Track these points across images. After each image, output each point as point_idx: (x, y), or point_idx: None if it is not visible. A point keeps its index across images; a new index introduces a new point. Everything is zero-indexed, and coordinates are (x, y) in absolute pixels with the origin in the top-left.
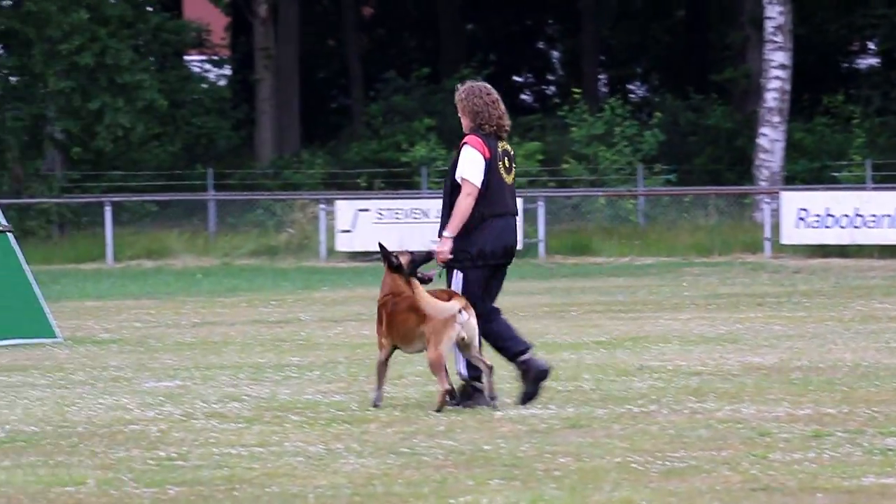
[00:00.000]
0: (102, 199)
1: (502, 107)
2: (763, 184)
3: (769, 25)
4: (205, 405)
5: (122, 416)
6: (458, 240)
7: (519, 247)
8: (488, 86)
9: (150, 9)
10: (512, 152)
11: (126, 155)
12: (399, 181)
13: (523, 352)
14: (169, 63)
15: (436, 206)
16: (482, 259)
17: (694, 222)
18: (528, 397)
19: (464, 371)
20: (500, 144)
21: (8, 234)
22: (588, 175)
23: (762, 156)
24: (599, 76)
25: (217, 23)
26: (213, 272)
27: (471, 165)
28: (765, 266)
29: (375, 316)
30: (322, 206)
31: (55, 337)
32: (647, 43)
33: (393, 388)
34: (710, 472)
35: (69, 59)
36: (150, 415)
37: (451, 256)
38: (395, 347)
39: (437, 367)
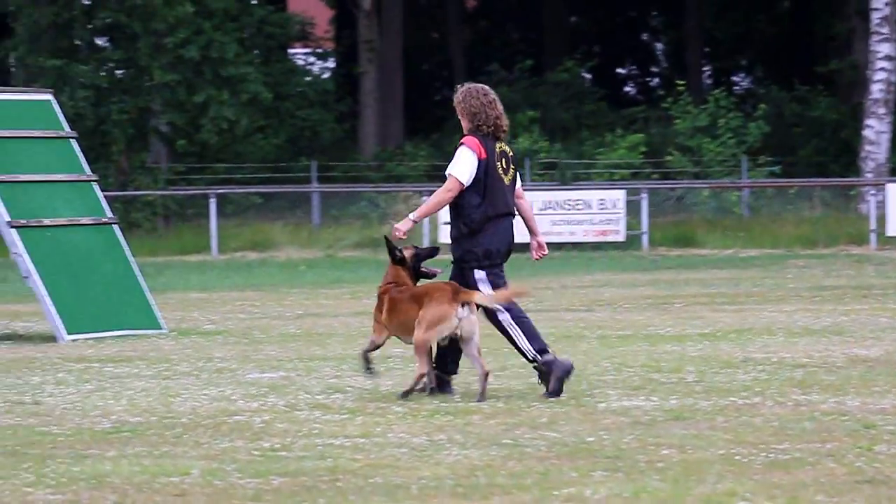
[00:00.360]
0: (207, 191)
1: (500, 107)
2: (869, 175)
3: (875, 17)
4: (308, 396)
5: (226, 406)
6: (465, 241)
7: (620, 238)
8: (486, 87)
9: (254, 2)
10: (511, 153)
11: (231, 147)
12: None
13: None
14: (273, 56)
15: (539, 197)
16: (488, 259)
17: (798, 214)
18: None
19: (530, 349)
20: (497, 145)
21: (114, 226)
22: (692, 167)
23: (868, 147)
24: (703, 68)
25: (321, 16)
26: (316, 264)
27: (461, 164)
28: (870, 258)
29: (376, 302)
30: (425, 197)
31: (160, 328)
32: (752, 34)
33: (496, 379)
34: (815, 464)
35: (174, 53)
36: (253, 406)
37: (404, 237)
38: (387, 336)
39: (422, 350)
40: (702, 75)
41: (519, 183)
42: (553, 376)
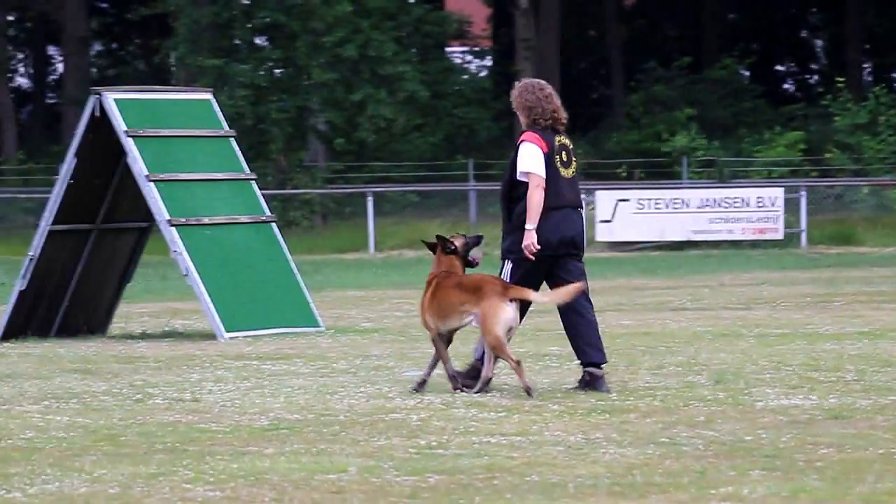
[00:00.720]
0: (364, 189)
1: (557, 101)
2: None
3: None
4: (465, 394)
5: (383, 404)
6: (517, 232)
7: (778, 236)
8: (542, 81)
9: (412, 1)
10: (571, 146)
11: (388, 146)
12: (659, 171)
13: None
14: (431, 55)
15: (697, 195)
16: (538, 249)
17: None
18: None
19: (477, 354)
20: (557, 138)
21: (272, 224)
22: (851, 164)
23: None
24: (864, 64)
25: (478, 14)
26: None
27: (532, 159)
28: None
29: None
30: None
31: (318, 326)
32: None
33: (653, 377)
34: None
35: (332, 52)
36: (410, 403)
37: (538, 247)
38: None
39: (500, 348)
40: (862, 72)
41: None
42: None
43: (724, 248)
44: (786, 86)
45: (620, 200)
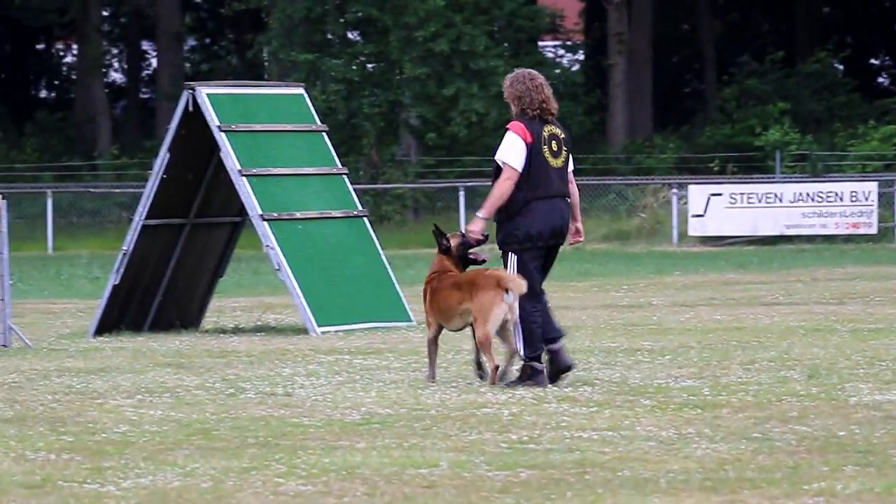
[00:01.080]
0: (456, 184)
1: (547, 91)
2: None
3: None
4: (556, 389)
5: (474, 399)
6: (506, 224)
7: (872, 231)
8: (533, 71)
9: None
10: (562, 136)
11: (480, 140)
12: (752, 165)
13: (554, 340)
14: (523, 49)
15: (790, 190)
16: (530, 241)
17: None
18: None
19: (522, 351)
20: (546, 128)
21: (364, 218)
22: None
23: None
24: None
25: (571, 8)
26: (564, 257)
27: (510, 149)
28: None
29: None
30: (674, 190)
31: (410, 321)
32: None
33: (745, 373)
34: None
35: (425, 46)
36: (502, 398)
37: (481, 237)
38: (441, 326)
39: (486, 346)
40: None
41: (571, 167)
42: (535, 380)
43: (817, 243)
44: (880, 79)
45: (713, 195)
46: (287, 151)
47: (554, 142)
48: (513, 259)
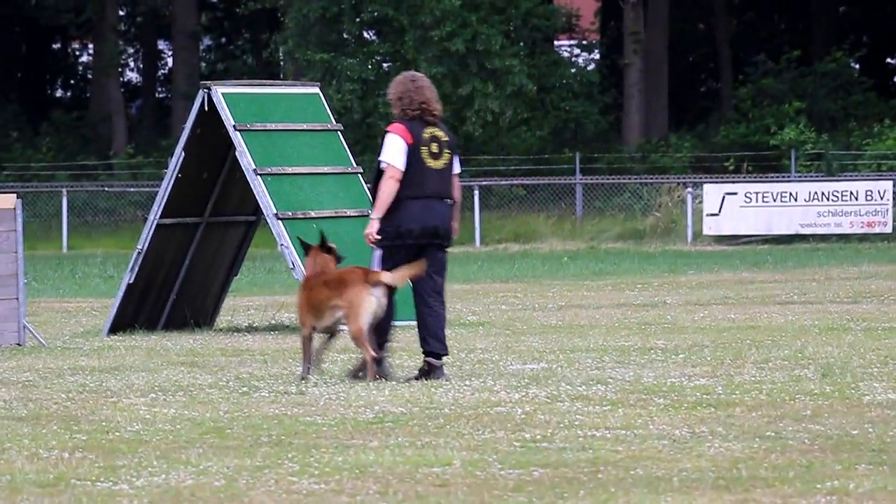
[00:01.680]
0: (471, 182)
1: (429, 93)
2: None
3: None
4: (570, 388)
5: (487, 398)
6: (383, 219)
7: (887, 230)
8: (417, 73)
9: None
10: (446, 138)
11: (495, 139)
12: (767, 165)
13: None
14: (539, 48)
15: (805, 189)
16: (400, 238)
17: None
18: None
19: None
20: (428, 130)
21: None
22: None
23: None
24: None
25: (587, 7)
26: (579, 256)
27: (391, 150)
28: None
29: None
30: (689, 189)
31: None
32: None
33: (759, 371)
34: None
35: (440, 45)
36: (515, 397)
37: (378, 237)
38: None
39: (361, 340)
40: None
41: (457, 169)
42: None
43: (832, 242)
44: None
45: (728, 194)
46: (302, 150)
47: (434, 143)
48: (377, 254)
